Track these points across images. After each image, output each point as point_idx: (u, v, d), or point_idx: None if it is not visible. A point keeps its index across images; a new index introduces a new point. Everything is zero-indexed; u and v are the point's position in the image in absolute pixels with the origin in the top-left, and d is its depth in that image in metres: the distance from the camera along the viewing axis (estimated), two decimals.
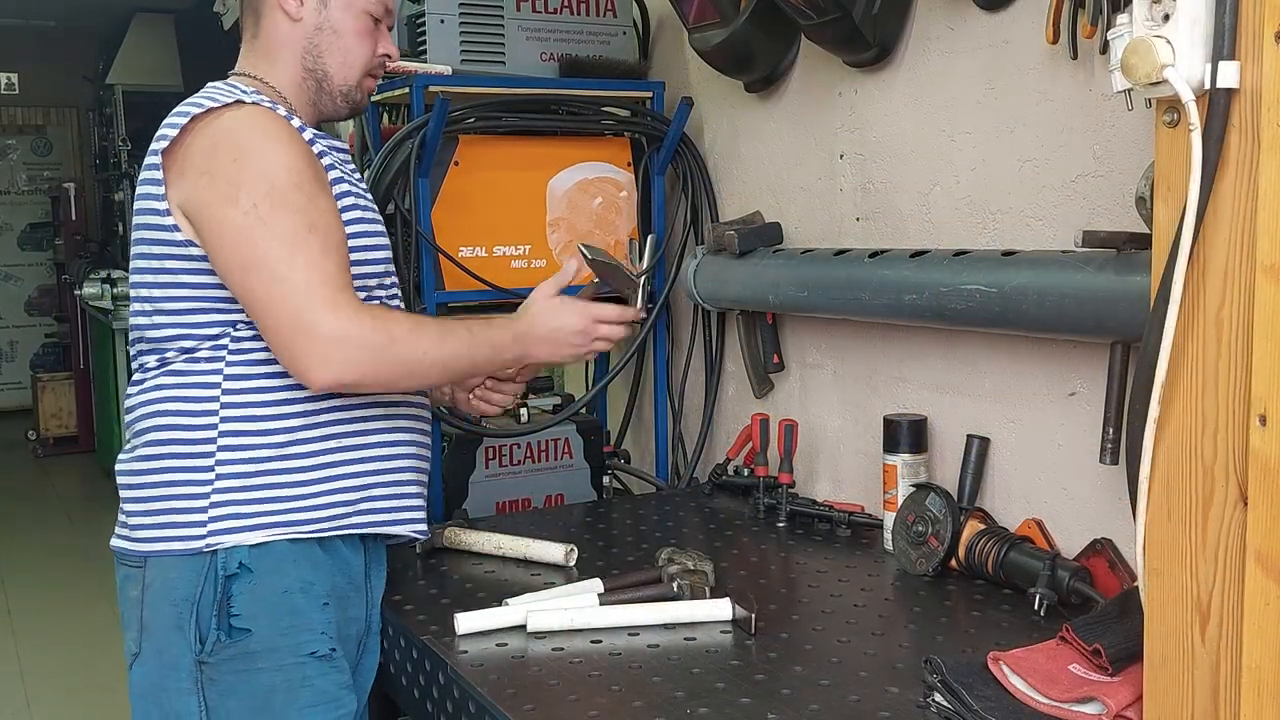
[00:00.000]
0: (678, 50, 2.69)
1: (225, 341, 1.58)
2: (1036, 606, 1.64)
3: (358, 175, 1.77)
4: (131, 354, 1.68)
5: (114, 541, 1.64)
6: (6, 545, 5.85)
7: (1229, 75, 1.01)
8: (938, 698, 1.35)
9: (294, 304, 1.51)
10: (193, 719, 1.56)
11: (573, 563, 1.93)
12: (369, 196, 1.77)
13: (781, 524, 2.17)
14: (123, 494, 1.64)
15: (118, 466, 1.66)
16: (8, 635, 4.64)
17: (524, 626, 1.63)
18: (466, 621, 1.63)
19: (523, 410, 2.53)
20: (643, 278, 1.84)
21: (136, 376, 1.65)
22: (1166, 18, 1.04)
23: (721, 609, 1.66)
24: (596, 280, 1.87)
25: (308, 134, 1.63)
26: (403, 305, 1.78)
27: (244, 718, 1.56)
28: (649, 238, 2.57)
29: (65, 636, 4.61)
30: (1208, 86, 1.02)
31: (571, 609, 1.66)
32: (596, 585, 1.75)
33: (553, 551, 1.94)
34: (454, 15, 2.40)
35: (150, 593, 1.58)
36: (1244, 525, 1.04)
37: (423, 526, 1.73)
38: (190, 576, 1.55)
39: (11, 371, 9.45)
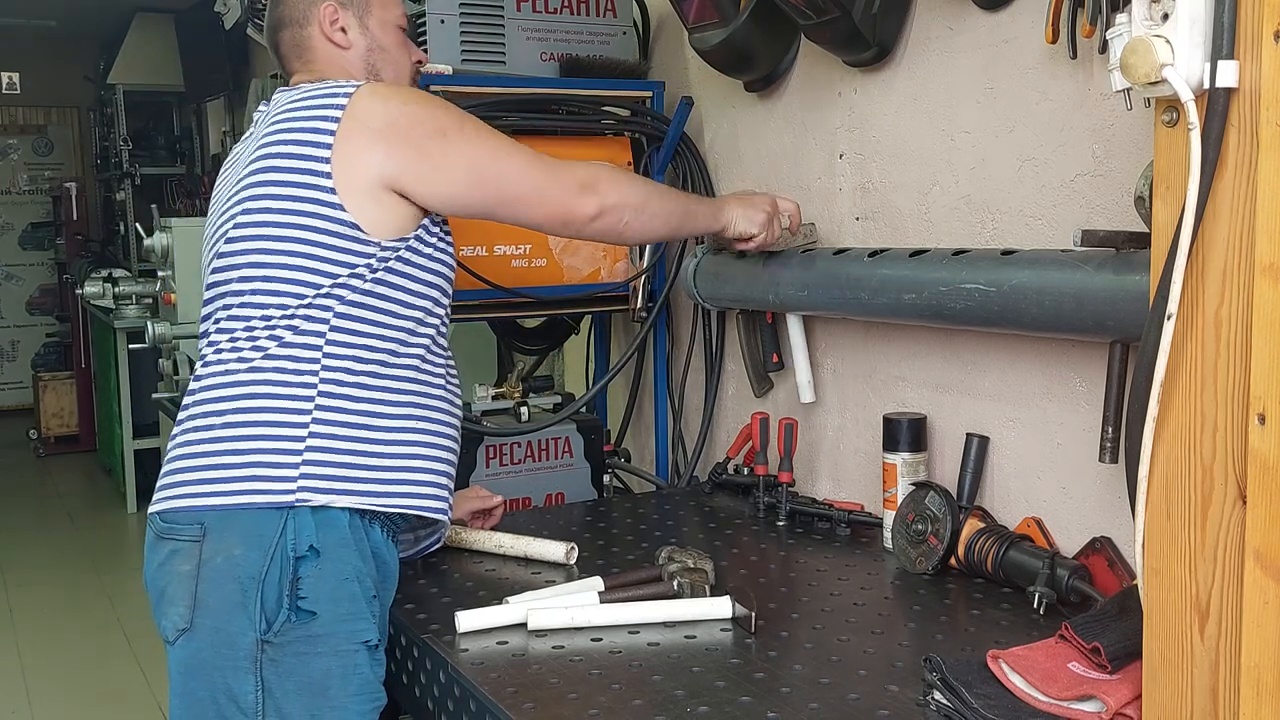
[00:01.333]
0: (678, 50, 2.69)
1: (333, 312, 1.63)
2: (1036, 605, 1.64)
3: None
4: (213, 325, 1.69)
5: (171, 503, 1.62)
6: (8, 544, 5.86)
7: (1228, 75, 1.01)
8: (937, 696, 1.35)
9: (548, 174, 1.76)
10: (248, 698, 1.56)
11: (573, 561, 1.94)
12: None
13: (781, 523, 2.17)
14: (191, 452, 1.63)
15: (191, 425, 1.64)
16: (9, 633, 4.65)
17: (524, 624, 1.64)
18: (467, 620, 1.63)
19: (523, 409, 2.54)
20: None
21: (221, 341, 1.65)
22: (1165, 17, 1.04)
23: (721, 607, 1.66)
24: None
25: None
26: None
27: (299, 699, 1.57)
28: None
29: (66, 635, 4.62)
30: (1207, 86, 1.02)
31: (572, 607, 1.66)
32: (597, 584, 1.75)
33: (553, 550, 1.95)
34: (454, 15, 2.41)
35: (208, 568, 1.57)
36: (1243, 524, 1.04)
37: (448, 516, 1.79)
38: (257, 555, 1.55)
39: (13, 371, 9.46)
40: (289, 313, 1.62)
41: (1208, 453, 1.07)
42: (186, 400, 1.68)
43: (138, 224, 5.84)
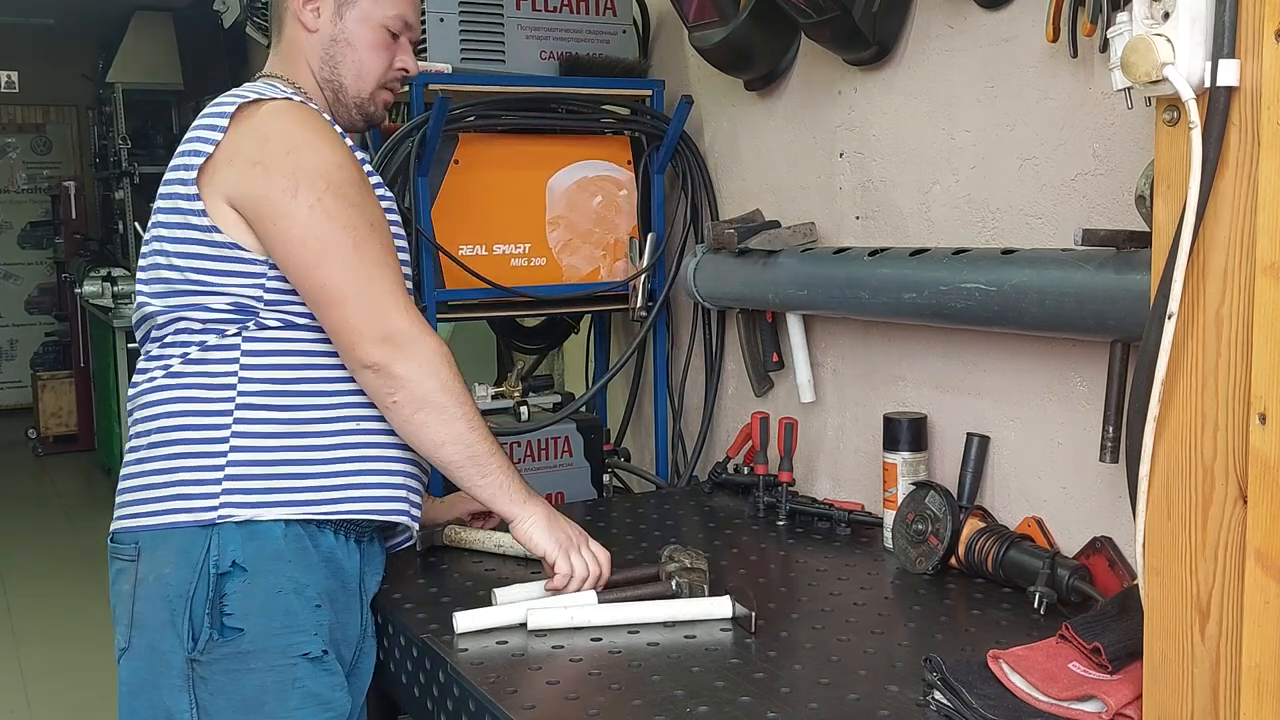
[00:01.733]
0: (677, 48, 2.69)
1: (247, 329, 1.61)
2: (1036, 605, 1.64)
3: (378, 179, 1.79)
4: (139, 339, 1.70)
5: (117, 524, 1.65)
6: (6, 544, 5.85)
7: (1229, 73, 1.01)
8: (937, 696, 1.35)
9: (368, 297, 1.58)
10: (184, 716, 1.56)
11: None
12: (392, 198, 1.79)
13: (781, 522, 2.17)
14: (128, 473, 1.64)
15: (128, 446, 1.66)
16: (7, 633, 4.64)
17: (524, 624, 1.63)
18: (465, 620, 1.63)
19: (523, 408, 2.54)
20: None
21: (145, 364, 1.66)
22: (1166, 15, 1.04)
23: (721, 607, 1.66)
24: None
25: (346, 139, 1.68)
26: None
27: (234, 717, 1.56)
28: (649, 236, 2.58)
29: (64, 634, 4.61)
30: (1208, 85, 1.02)
31: (571, 607, 1.66)
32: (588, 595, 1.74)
33: None
34: (454, 13, 2.41)
35: (143, 587, 1.58)
36: (1244, 524, 1.04)
37: (415, 514, 1.73)
38: (184, 573, 1.56)
39: (12, 370, 9.45)
40: (197, 330, 1.61)
41: (1208, 452, 1.07)
42: (128, 418, 1.70)
43: (136, 223, 5.84)
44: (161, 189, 1.66)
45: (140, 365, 1.68)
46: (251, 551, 1.57)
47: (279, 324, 1.62)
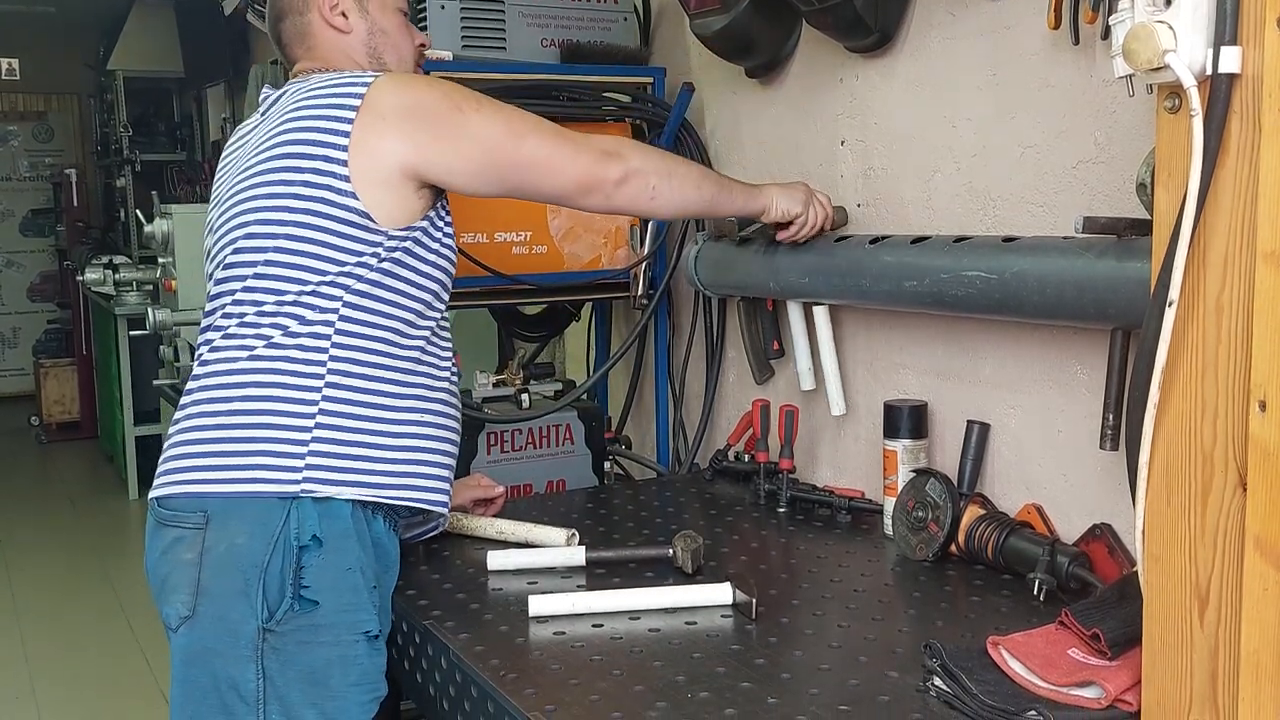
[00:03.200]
0: (679, 36, 2.68)
1: (344, 304, 1.63)
2: (1036, 591, 1.64)
3: None
4: (218, 311, 1.68)
5: (172, 489, 1.62)
6: (10, 530, 5.87)
7: (1230, 60, 1.01)
8: (937, 681, 1.35)
9: (571, 142, 1.75)
10: (249, 686, 1.56)
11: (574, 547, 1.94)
12: None
13: (782, 509, 2.18)
14: (195, 438, 1.63)
15: (195, 410, 1.64)
16: (11, 618, 4.66)
17: (526, 610, 1.64)
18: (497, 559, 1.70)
19: (524, 396, 2.54)
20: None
21: (238, 330, 1.64)
22: (1168, 3, 1.04)
23: (722, 593, 1.67)
24: None
25: None
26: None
27: (300, 688, 1.57)
28: (650, 224, 2.58)
29: (69, 620, 4.63)
30: (1209, 72, 1.02)
31: (573, 594, 1.67)
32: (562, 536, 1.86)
33: (554, 536, 1.95)
34: (455, 1, 2.40)
35: (211, 556, 1.57)
36: (1243, 510, 1.04)
37: (447, 508, 1.79)
38: (260, 543, 1.55)
39: (14, 357, 9.46)
40: (295, 299, 1.62)
41: (1208, 439, 1.07)
42: (191, 385, 1.68)
43: (138, 210, 5.84)
44: (269, 163, 1.65)
45: (229, 330, 1.65)
46: (326, 528, 1.58)
47: (373, 307, 1.65)
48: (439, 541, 2.01)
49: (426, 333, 1.73)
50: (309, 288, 1.62)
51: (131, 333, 5.95)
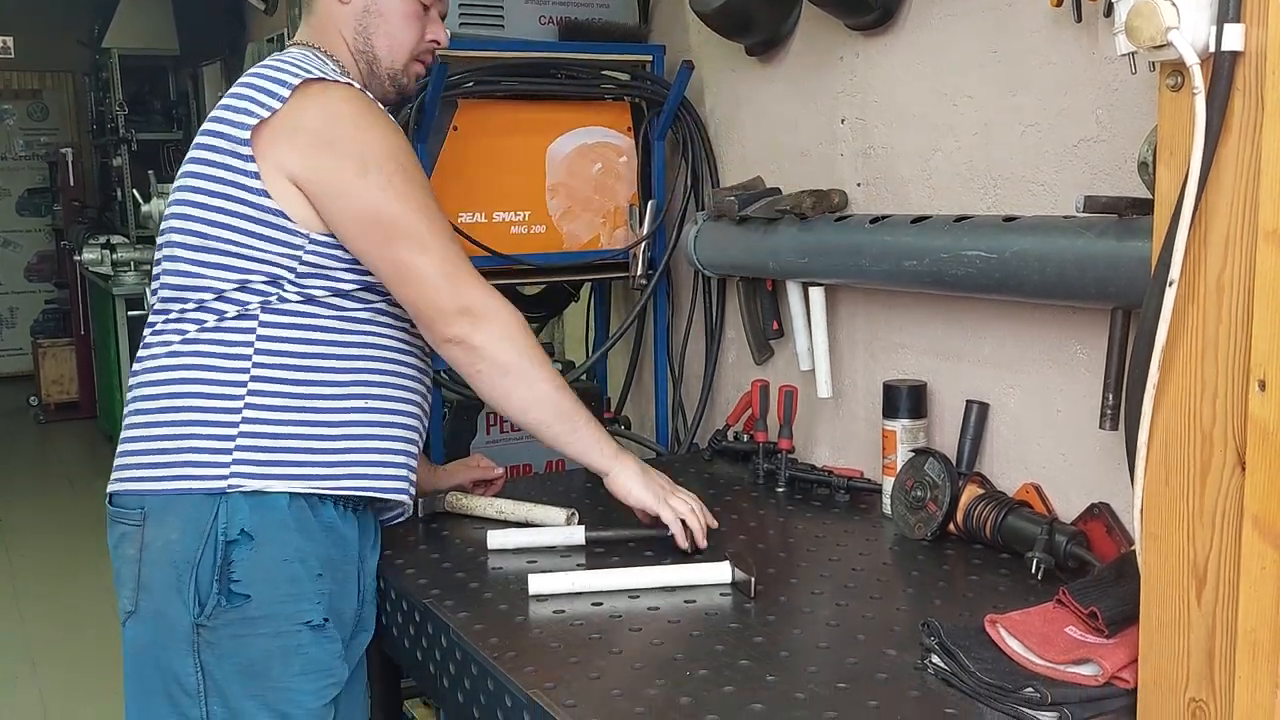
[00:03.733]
0: (678, 13, 2.67)
1: (269, 303, 1.61)
2: (1034, 570, 1.65)
3: None
4: (154, 303, 1.69)
5: (118, 486, 1.64)
6: (9, 510, 5.88)
7: (1234, 38, 1.00)
8: (935, 660, 1.36)
9: (443, 274, 1.62)
10: (190, 679, 1.58)
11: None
12: None
13: (781, 489, 2.18)
14: (133, 435, 1.64)
15: (132, 409, 1.66)
16: (11, 598, 4.67)
17: (526, 587, 1.64)
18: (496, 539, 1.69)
19: None
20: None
21: (162, 327, 1.66)
22: None
23: (721, 572, 1.67)
24: None
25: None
26: None
27: (239, 681, 1.58)
28: (649, 203, 2.57)
29: (68, 599, 4.64)
30: (1212, 50, 1.02)
31: (572, 572, 1.67)
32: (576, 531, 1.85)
33: (554, 515, 1.96)
34: None
35: (149, 552, 1.59)
36: (1241, 490, 1.04)
37: (412, 492, 1.76)
38: (192, 539, 1.57)
39: (12, 337, 9.45)
40: (218, 297, 1.61)
41: (1207, 419, 1.07)
42: (130, 380, 1.69)
43: (135, 190, 5.82)
44: (197, 151, 1.64)
45: (157, 327, 1.67)
46: (258, 521, 1.58)
47: (300, 299, 1.63)
48: (438, 521, 2.02)
49: (369, 315, 1.69)
50: (233, 280, 1.61)
51: (130, 313, 5.94)
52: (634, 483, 1.76)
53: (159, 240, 1.72)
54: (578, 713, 1.27)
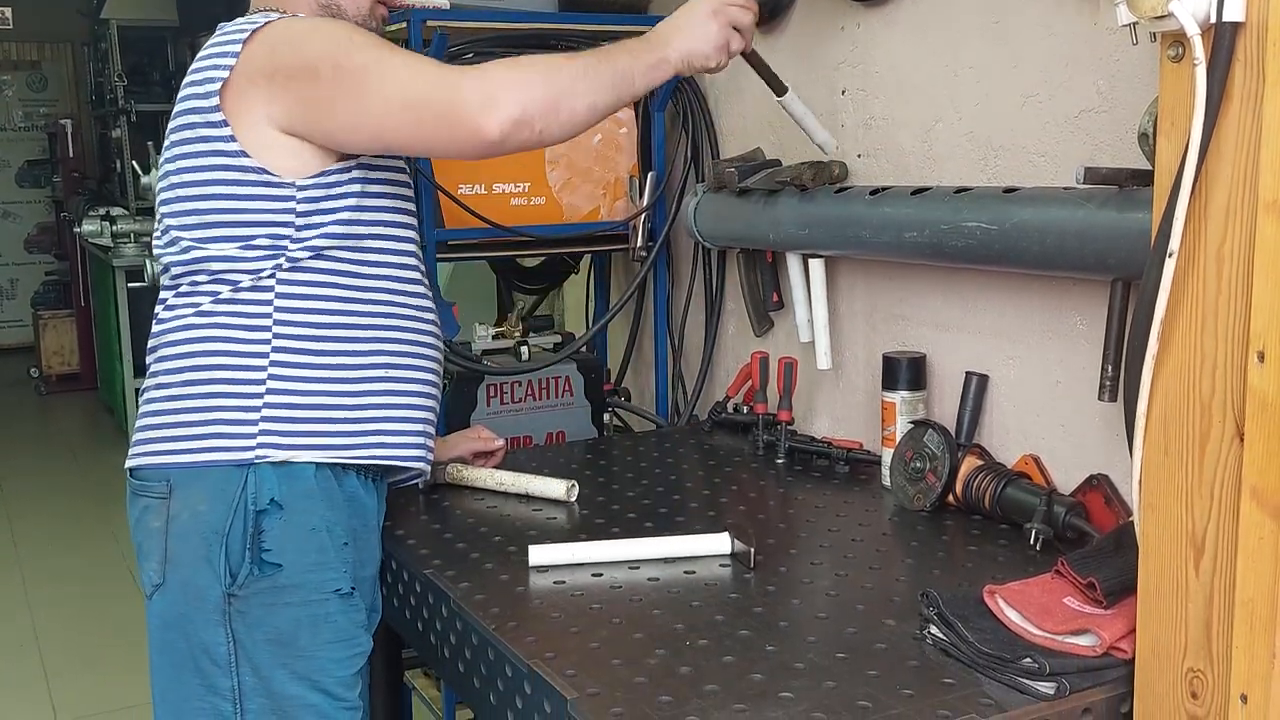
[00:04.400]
0: None
1: (280, 267, 1.60)
2: (1032, 541, 1.66)
3: None
4: (163, 279, 1.68)
5: (140, 460, 1.64)
6: (11, 481, 5.90)
7: (1235, 8, 1.00)
8: (934, 630, 1.36)
9: (440, 93, 1.52)
10: (220, 650, 1.58)
11: (574, 498, 1.95)
12: None
13: (780, 460, 2.18)
14: (156, 409, 1.64)
15: (154, 383, 1.65)
16: (14, 569, 4.70)
17: (526, 559, 1.65)
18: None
19: (523, 348, 2.54)
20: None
21: (174, 301, 1.64)
22: None
23: (720, 543, 1.68)
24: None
25: None
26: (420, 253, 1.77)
27: (270, 650, 1.58)
28: (649, 175, 2.57)
29: (70, 570, 4.67)
30: (1213, 20, 1.01)
31: (573, 543, 1.68)
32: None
33: (554, 487, 1.96)
34: None
35: (176, 524, 1.59)
36: (1240, 461, 1.05)
37: (430, 460, 1.76)
38: (220, 510, 1.57)
39: (13, 309, 9.46)
40: (230, 262, 1.60)
41: (1206, 390, 1.08)
42: (148, 355, 1.68)
43: (134, 161, 5.81)
44: (176, 127, 1.63)
45: (169, 302, 1.65)
46: (287, 490, 1.58)
47: (309, 253, 1.60)
48: (439, 492, 2.03)
49: (386, 282, 1.68)
50: (235, 248, 1.59)
51: (130, 284, 5.94)
52: (689, 45, 1.65)
53: (157, 215, 1.71)
54: (578, 682, 1.28)
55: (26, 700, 3.59)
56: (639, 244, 2.58)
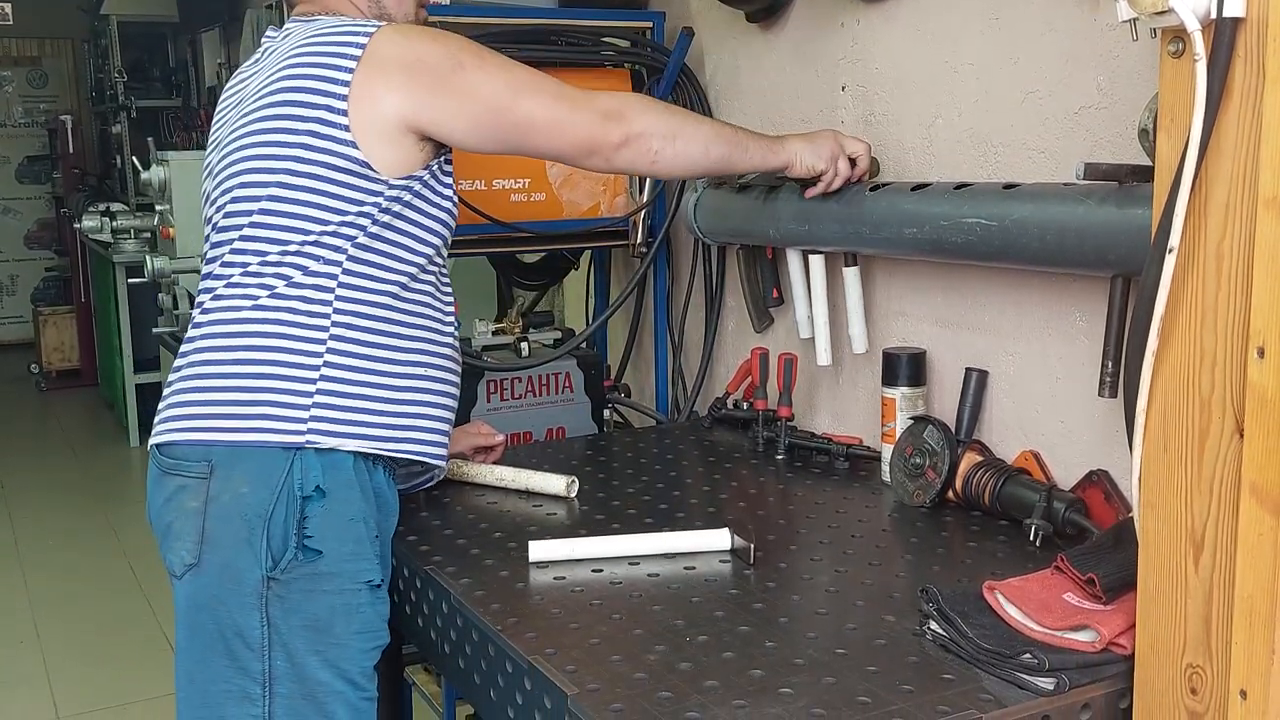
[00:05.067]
0: None
1: (348, 258, 1.62)
2: (1032, 537, 1.66)
3: None
4: (221, 254, 1.67)
5: (176, 435, 1.62)
6: (12, 477, 5.90)
7: (1235, 4, 1.00)
8: (933, 626, 1.37)
9: (570, 102, 1.72)
10: (254, 634, 1.58)
11: (574, 494, 1.95)
12: None
13: (780, 457, 2.19)
14: (200, 385, 1.63)
15: (200, 359, 1.64)
16: (15, 564, 4.70)
17: (527, 555, 1.65)
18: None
19: (523, 344, 2.54)
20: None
21: (242, 279, 1.63)
22: None
23: (720, 539, 1.68)
24: None
25: None
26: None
27: (304, 636, 1.59)
28: None
29: (70, 565, 4.67)
30: (1213, 16, 1.01)
31: (573, 539, 1.68)
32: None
33: (554, 483, 1.96)
34: None
35: (216, 505, 1.58)
36: (1239, 457, 1.05)
37: (445, 461, 1.80)
38: (263, 493, 1.56)
39: (13, 305, 9.46)
40: (299, 249, 1.61)
41: (1206, 386, 1.08)
42: (193, 332, 1.67)
43: (134, 157, 5.80)
44: (269, 110, 1.63)
45: (233, 279, 1.64)
46: (330, 479, 1.59)
47: (376, 250, 1.64)
48: (439, 488, 2.02)
49: (430, 285, 1.73)
50: (311, 237, 1.61)
51: (130, 280, 5.94)
52: (808, 155, 1.95)
53: (215, 197, 1.70)
54: (578, 678, 1.28)
55: (27, 695, 3.60)
56: (639, 240, 2.58)
